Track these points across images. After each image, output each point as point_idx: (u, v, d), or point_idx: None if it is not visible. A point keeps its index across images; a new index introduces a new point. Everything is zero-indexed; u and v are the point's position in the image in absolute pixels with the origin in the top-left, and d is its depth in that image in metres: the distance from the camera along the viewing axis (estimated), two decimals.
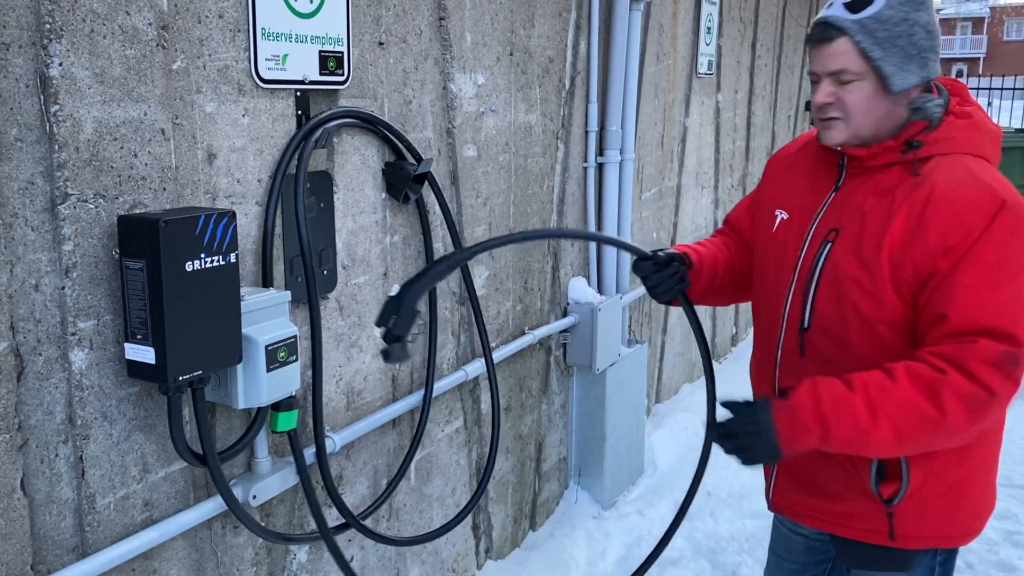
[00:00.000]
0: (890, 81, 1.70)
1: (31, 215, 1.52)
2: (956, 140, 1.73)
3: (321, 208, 2.18)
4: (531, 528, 3.60)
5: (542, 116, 3.25)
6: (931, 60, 1.72)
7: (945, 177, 1.68)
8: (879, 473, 1.77)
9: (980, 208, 1.62)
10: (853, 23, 1.69)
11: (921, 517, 1.78)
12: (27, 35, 1.47)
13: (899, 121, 1.74)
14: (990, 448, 1.81)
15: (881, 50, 1.68)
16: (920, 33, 1.69)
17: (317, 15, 2.06)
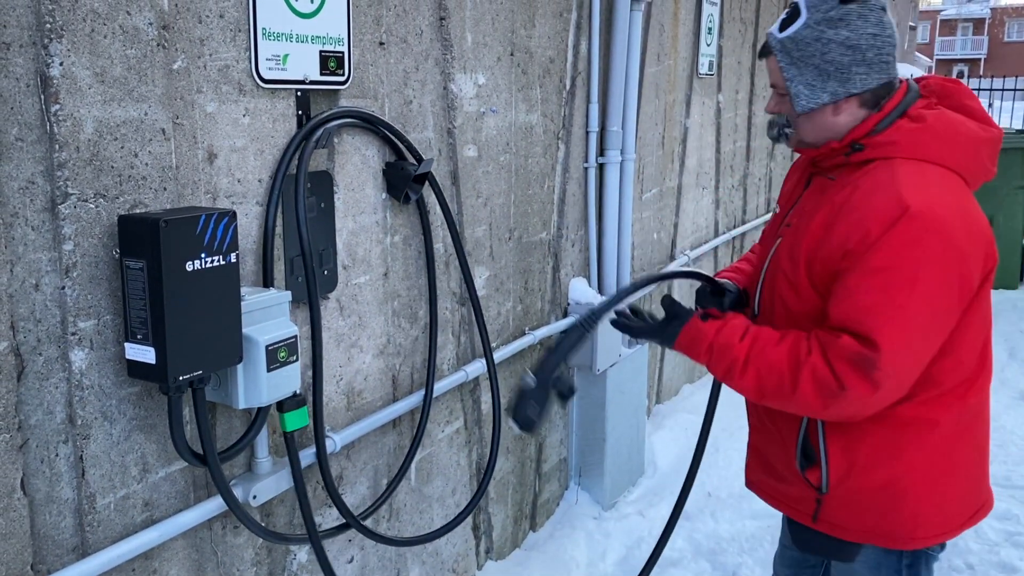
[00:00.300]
0: (795, 101, 1.80)
1: (31, 215, 1.52)
2: (898, 144, 1.76)
3: (322, 208, 2.18)
4: (531, 529, 3.60)
5: (543, 116, 3.25)
6: (857, 74, 1.75)
7: (868, 181, 1.74)
8: (804, 457, 1.88)
9: (882, 214, 1.66)
10: (777, 42, 1.80)
11: (852, 509, 1.86)
12: (27, 35, 1.47)
13: (846, 126, 1.80)
14: (938, 457, 1.83)
15: (795, 69, 1.78)
16: (836, 51, 1.74)
17: (318, 15, 2.06)
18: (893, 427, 1.80)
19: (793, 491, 1.96)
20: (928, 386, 1.77)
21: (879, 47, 1.76)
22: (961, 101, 1.84)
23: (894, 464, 1.82)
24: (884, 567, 1.91)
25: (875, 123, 1.78)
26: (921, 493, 1.84)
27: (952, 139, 1.76)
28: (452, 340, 2.83)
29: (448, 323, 2.79)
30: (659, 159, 4.52)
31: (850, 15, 1.73)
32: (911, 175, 1.71)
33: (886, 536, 1.87)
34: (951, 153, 1.76)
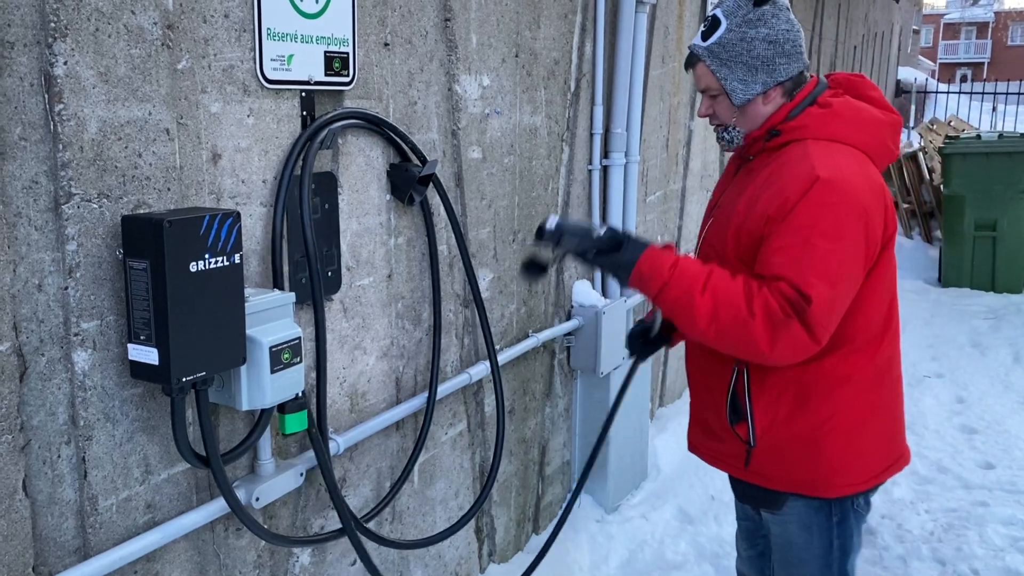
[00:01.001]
0: (733, 96, 2.04)
1: (35, 215, 1.51)
2: (809, 127, 2.00)
3: (326, 209, 2.17)
4: (534, 531, 3.59)
5: (547, 118, 3.24)
6: (780, 64, 2.01)
7: (783, 158, 1.98)
8: (733, 413, 2.07)
9: (798, 183, 1.88)
10: (704, 49, 2.05)
11: (776, 459, 2.05)
12: (32, 34, 1.47)
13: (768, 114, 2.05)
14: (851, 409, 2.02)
15: (727, 69, 2.03)
16: (760, 46, 2.00)
17: (323, 15, 2.06)
18: (809, 381, 1.99)
19: (727, 448, 2.14)
20: (840, 342, 1.95)
21: (792, 40, 2.02)
22: (865, 92, 2.09)
23: (811, 416, 2.01)
24: (815, 524, 2.10)
25: (789, 111, 2.03)
26: (837, 443, 2.02)
27: (856, 121, 2.01)
28: (456, 342, 2.82)
29: (452, 325, 2.78)
30: (663, 162, 4.51)
31: (766, 15, 2.00)
32: (820, 150, 1.94)
33: (807, 484, 2.05)
34: (855, 133, 2.00)
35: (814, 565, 2.13)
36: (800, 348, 1.84)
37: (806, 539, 2.11)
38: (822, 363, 1.96)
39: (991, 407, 5.24)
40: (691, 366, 2.28)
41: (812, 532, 2.10)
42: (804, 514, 2.09)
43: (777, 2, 2.01)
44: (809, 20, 7.66)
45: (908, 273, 8.95)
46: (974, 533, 3.72)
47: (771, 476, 2.08)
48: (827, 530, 2.09)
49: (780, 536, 2.17)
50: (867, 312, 1.99)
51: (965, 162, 8.10)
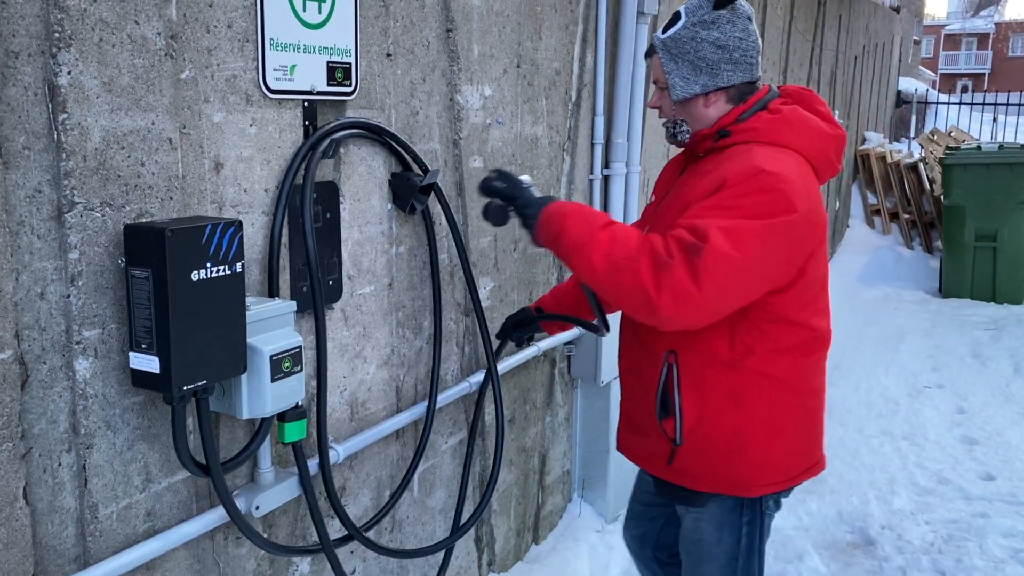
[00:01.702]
0: (672, 91, 2.11)
1: (38, 223, 1.52)
2: (758, 130, 2.04)
3: (327, 218, 2.18)
4: (534, 541, 3.58)
5: (548, 128, 3.25)
6: (724, 70, 2.06)
7: (730, 158, 2.00)
8: (662, 408, 2.10)
9: (736, 172, 1.91)
10: (660, 41, 2.11)
11: (701, 458, 2.09)
12: (36, 44, 1.48)
13: (715, 117, 2.10)
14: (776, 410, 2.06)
15: (674, 64, 2.09)
16: (708, 49, 2.05)
17: (325, 26, 2.07)
18: (739, 380, 2.03)
19: (653, 444, 2.17)
20: (767, 341, 2.01)
21: (744, 49, 2.06)
22: (813, 106, 2.13)
23: (738, 415, 2.04)
24: (727, 523, 2.14)
25: (740, 113, 2.07)
26: (761, 443, 2.06)
27: (803, 130, 2.05)
28: (456, 351, 2.82)
29: (452, 334, 2.78)
30: None
31: (720, 19, 2.04)
32: (766, 151, 1.97)
33: (731, 483, 2.09)
34: (801, 142, 2.04)
35: (721, 561, 2.18)
36: (682, 295, 1.80)
37: (717, 537, 2.16)
38: (747, 362, 2.01)
39: (992, 418, 5.24)
40: (623, 364, 2.31)
41: (723, 530, 2.15)
42: (718, 512, 2.14)
43: (736, 9, 2.05)
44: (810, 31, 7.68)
45: (909, 283, 8.95)
46: (974, 544, 3.72)
47: (695, 475, 2.12)
48: (737, 528, 2.15)
49: (692, 532, 2.22)
50: (791, 314, 2.02)
51: (965, 173, 8.12)
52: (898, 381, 5.93)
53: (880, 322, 7.49)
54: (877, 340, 6.92)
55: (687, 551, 2.27)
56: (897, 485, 4.32)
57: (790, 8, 6.90)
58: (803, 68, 7.55)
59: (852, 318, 7.60)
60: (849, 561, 3.64)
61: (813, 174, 2.03)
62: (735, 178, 1.89)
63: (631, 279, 1.84)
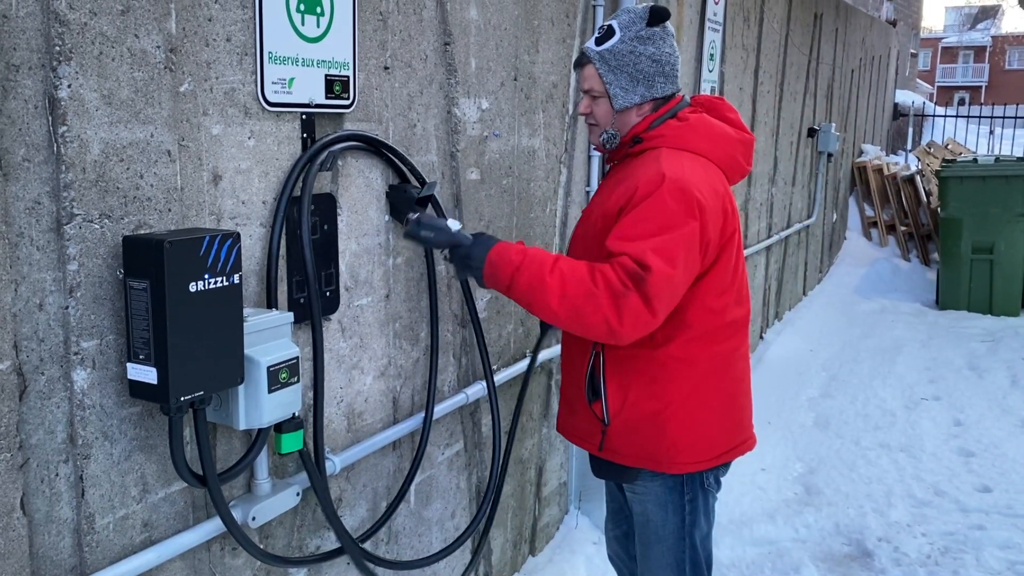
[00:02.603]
0: (614, 100, 2.25)
1: (37, 235, 1.53)
2: (665, 137, 2.22)
3: (325, 230, 2.19)
4: (531, 553, 3.58)
5: (545, 140, 3.27)
6: (658, 82, 2.24)
7: (639, 162, 2.21)
8: (592, 392, 2.29)
9: (647, 181, 2.10)
10: (596, 53, 2.24)
11: (627, 437, 2.26)
12: (36, 57, 1.49)
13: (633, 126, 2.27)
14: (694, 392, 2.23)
15: (613, 75, 2.23)
16: (645, 62, 2.21)
17: (324, 39, 2.08)
18: (658, 366, 2.21)
19: (585, 425, 2.35)
20: (683, 329, 2.18)
21: (673, 63, 2.25)
22: (723, 113, 2.33)
23: (658, 398, 2.22)
24: (670, 503, 2.31)
25: (651, 121, 2.25)
26: (680, 423, 2.23)
27: (708, 136, 2.24)
28: (453, 362, 2.83)
29: (449, 345, 2.79)
30: None
31: (655, 36, 2.22)
32: (671, 157, 2.16)
33: (654, 460, 2.26)
34: (707, 146, 2.23)
35: (670, 539, 2.34)
36: (641, 321, 2.00)
37: (662, 516, 2.33)
38: (668, 348, 2.19)
39: (988, 430, 5.24)
40: (563, 352, 2.49)
41: (668, 509, 2.32)
42: (660, 493, 2.31)
43: (667, 27, 2.24)
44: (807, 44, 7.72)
45: (906, 296, 8.97)
46: (971, 557, 3.72)
47: (623, 452, 2.28)
48: (680, 507, 2.31)
49: (640, 515, 2.38)
50: (706, 304, 2.18)
51: (962, 185, 8.15)
52: (895, 393, 5.94)
53: (877, 334, 7.50)
54: (874, 352, 6.93)
55: (638, 536, 2.41)
56: (894, 497, 4.32)
57: (786, 22, 6.94)
58: (800, 81, 7.58)
59: (849, 330, 7.62)
60: (846, 573, 3.64)
61: (718, 173, 2.23)
62: (645, 186, 2.09)
63: (592, 314, 2.01)
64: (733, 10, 5.51)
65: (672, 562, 2.36)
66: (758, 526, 3.96)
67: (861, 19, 10.66)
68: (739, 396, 2.35)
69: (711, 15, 4.95)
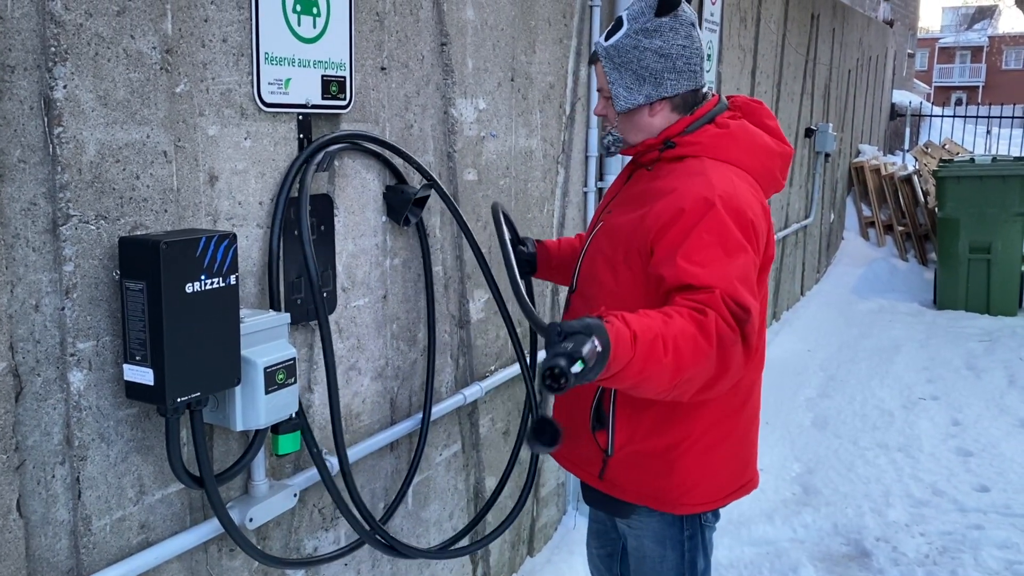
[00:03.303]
0: (615, 101, 2.04)
1: (33, 236, 1.52)
2: (704, 144, 2.00)
3: (322, 231, 2.19)
4: (529, 554, 3.58)
5: (542, 141, 3.27)
6: (668, 80, 2.00)
7: (681, 175, 1.96)
8: (596, 420, 2.07)
9: (697, 199, 1.86)
10: (603, 49, 2.04)
11: (631, 471, 2.06)
12: (32, 58, 1.49)
13: (660, 126, 2.05)
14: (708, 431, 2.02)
15: (616, 73, 2.02)
16: (650, 58, 1.98)
17: (320, 40, 2.08)
18: (671, 402, 1.90)
19: (584, 452, 2.14)
20: None
21: (687, 57, 2.00)
22: (762, 120, 2.10)
23: (668, 435, 2.01)
24: (668, 539, 2.13)
25: (686, 125, 2.03)
26: (691, 462, 2.03)
27: (750, 147, 2.03)
28: (451, 363, 2.83)
29: (447, 346, 2.79)
30: None
31: (663, 27, 1.98)
32: (718, 170, 1.94)
33: (656, 499, 2.07)
34: (747, 158, 2.01)
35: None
36: (741, 366, 1.77)
37: (660, 553, 2.15)
38: None
39: (986, 430, 5.24)
40: None
41: (665, 546, 2.14)
42: (658, 528, 2.12)
43: (679, 16, 1.99)
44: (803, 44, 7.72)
45: (903, 295, 8.97)
46: (969, 556, 3.72)
47: (623, 487, 2.09)
48: (679, 543, 2.13)
49: (636, 549, 2.21)
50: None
51: (959, 185, 8.15)
52: (893, 393, 5.94)
53: (875, 334, 7.50)
54: (872, 352, 6.93)
55: (634, 570, 2.24)
56: (892, 497, 4.32)
57: (783, 22, 6.94)
58: (797, 81, 7.58)
59: (847, 330, 7.62)
60: (844, 573, 3.64)
61: (759, 189, 2.02)
62: (695, 203, 1.84)
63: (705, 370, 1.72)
64: (730, 11, 5.51)
65: None
66: (756, 526, 3.96)
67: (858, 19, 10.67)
68: (752, 434, 2.16)
69: (708, 15, 4.95)
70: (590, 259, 2.13)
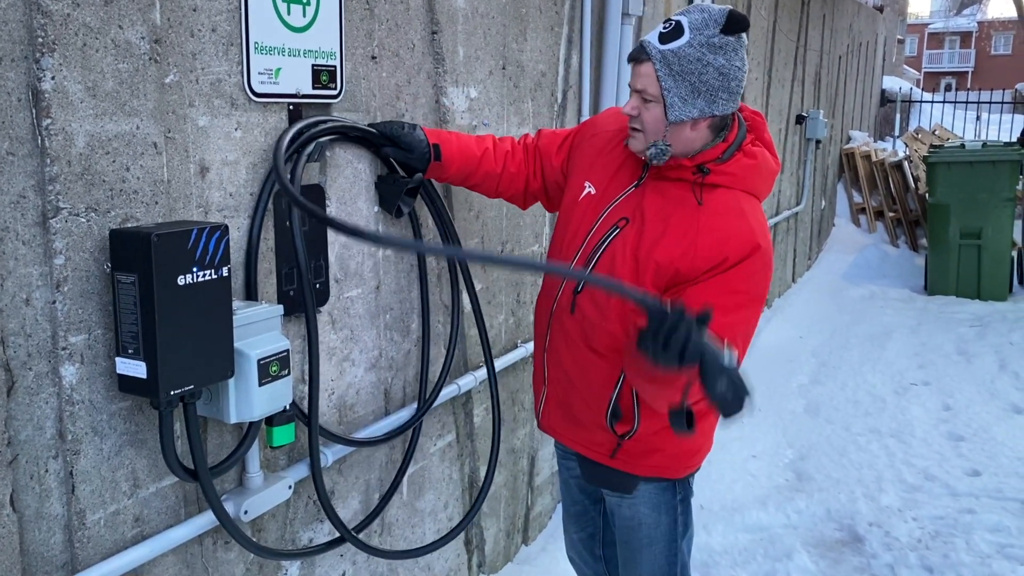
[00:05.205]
0: (670, 110, 1.97)
1: (22, 229, 1.51)
2: (738, 176, 2.04)
3: (314, 221, 2.17)
4: (524, 542, 3.59)
5: (534, 129, 3.25)
6: (720, 99, 1.98)
7: (722, 209, 2.01)
8: (614, 415, 2.14)
9: (740, 245, 1.96)
10: (658, 52, 1.96)
11: (645, 450, 2.17)
12: (19, 49, 1.47)
13: (694, 145, 2.03)
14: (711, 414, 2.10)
15: (673, 81, 1.96)
16: (712, 74, 1.94)
17: (310, 29, 2.07)
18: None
19: (596, 437, 2.22)
20: None
21: (739, 79, 2.00)
22: (762, 135, 2.14)
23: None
24: (663, 504, 2.27)
25: (721, 152, 2.05)
26: (701, 436, 2.20)
27: (767, 176, 2.12)
28: (444, 353, 2.82)
29: (440, 336, 2.78)
30: None
31: (728, 46, 1.95)
32: (755, 213, 2.04)
33: (668, 469, 2.22)
34: (764, 187, 2.13)
35: (662, 541, 2.30)
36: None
37: (655, 519, 2.28)
38: None
39: (977, 414, 5.27)
40: (559, 356, 2.23)
41: (660, 511, 2.27)
42: (655, 495, 2.26)
43: (742, 37, 1.99)
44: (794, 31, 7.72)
45: (894, 281, 9.00)
46: (961, 540, 3.74)
47: (635, 464, 2.21)
48: (673, 508, 2.28)
49: (630, 519, 2.31)
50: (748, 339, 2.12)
51: (950, 171, 8.17)
52: (884, 379, 5.97)
53: (866, 320, 7.52)
54: (863, 338, 6.96)
55: (625, 542, 2.35)
56: (884, 482, 4.34)
57: (774, 8, 6.94)
58: (788, 68, 7.58)
59: (838, 317, 7.64)
60: (838, 558, 3.66)
61: None
62: (736, 255, 1.95)
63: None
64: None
65: (664, 564, 2.32)
66: (750, 512, 3.98)
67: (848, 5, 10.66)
68: None
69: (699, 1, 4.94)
70: (607, 268, 2.09)
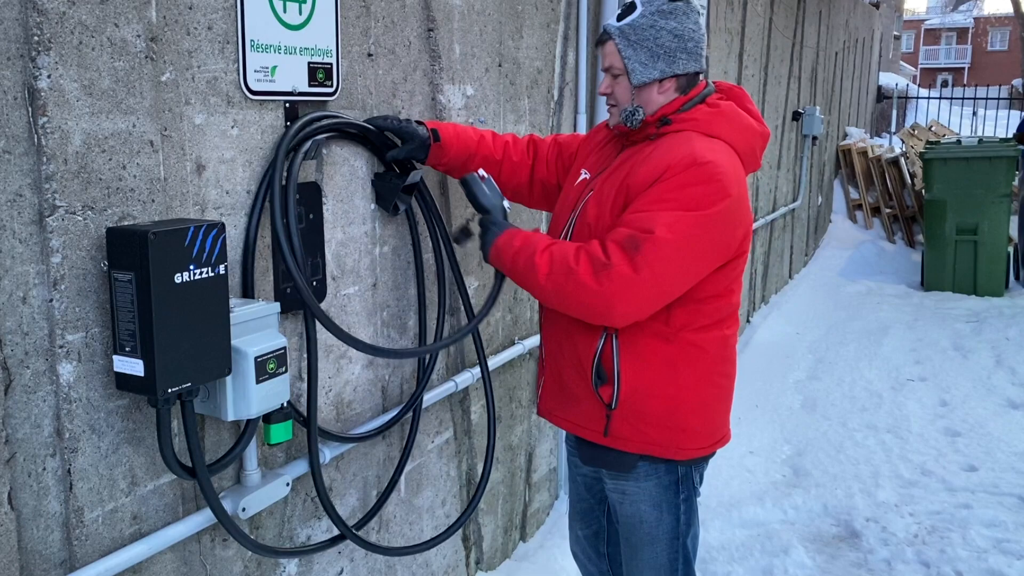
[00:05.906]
0: (632, 75, 2.17)
1: (19, 227, 1.51)
2: (697, 121, 2.17)
3: (310, 219, 2.18)
4: (521, 539, 3.59)
5: (531, 127, 3.26)
6: (680, 59, 2.16)
7: (669, 142, 2.15)
8: (598, 377, 2.21)
9: (677, 160, 2.06)
10: (616, 29, 2.19)
11: (635, 423, 2.21)
12: (15, 47, 1.47)
13: (663, 103, 2.20)
14: (704, 379, 2.22)
15: (632, 50, 2.16)
16: (666, 37, 2.14)
17: (306, 27, 2.07)
18: (673, 351, 2.18)
19: (585, 410, 2.27)
20: (699, 315, 2.17)
21: (696, 40, 2.17)
22: (744, 104, 2.26)
23: (674, 383, 2.19)
24: (665, 502, 2.28)
25: (682, 103, 2.19)
26: (691, 409, 2.22)
27: (737, 125, 2.20)
28: (441, 351, 2.82)
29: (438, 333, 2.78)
30: None
31: (677, 10, 2.15)
32: (703, 141, 2.12)
33: (660, 447, 2.23)
34: (735, 136, 2.18)
35: (664, 540, 2.32)
36: (625, 281, 2.00)
37: (656, 516, 2.30)
38: (683, 334, 2.17)
39: (974, 410, 5.29)
40: (551, 332, 2.37)
41: (662, 509, 2.29)
42: (655, 492, 2.28)
43: (691, 2, 2.17)
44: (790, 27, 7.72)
45: (891, 277, 9.02)
46: (958, 535, 3.75)
47: (627, 439, 2.24)
48: (675, 507, 2.29)
49: (632, 516, 2.33)
50: (720, 293, 2.19)
51: (946, 167, 8.19)
52: (881, 374, 5.98)
53: (863, 316, 7.54)
54: (860, 334, 6.97)
55: (627, 539, 2.36)
56: (881, 478, 4.35)
57: (770, 5, 6.94)
58: (784, 64, 7.58)
59: (835, 312, 7.65)
60: (834, 554, 3.67)
61: (742, 164, 2.19)
62: (674, 167, 2.04)
63: (573, 286, 2.05)
64: None
65: (665, 562, 2.33)
66: (747, 508, 3.99)
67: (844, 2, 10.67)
68: (732, 384, 2.34)
69: None
70: (577, 234, 2.26)
